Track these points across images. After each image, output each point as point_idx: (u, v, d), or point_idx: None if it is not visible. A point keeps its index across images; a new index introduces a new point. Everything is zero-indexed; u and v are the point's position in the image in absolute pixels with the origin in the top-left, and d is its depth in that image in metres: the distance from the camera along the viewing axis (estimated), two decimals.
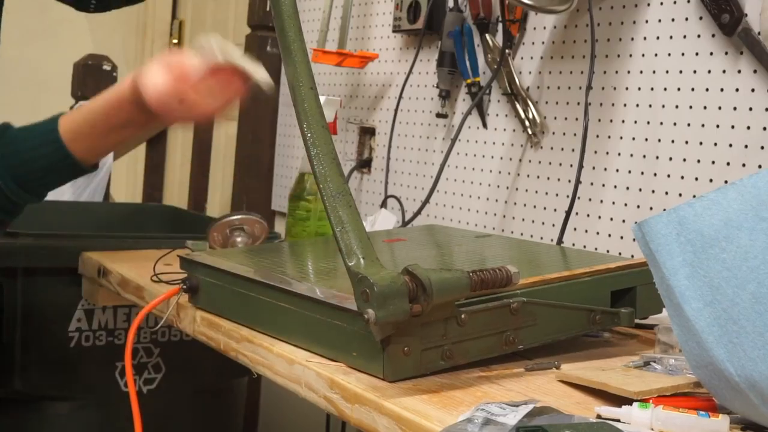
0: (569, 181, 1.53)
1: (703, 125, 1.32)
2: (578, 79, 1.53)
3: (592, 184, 1.49)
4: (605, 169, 1.48)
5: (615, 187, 1.46)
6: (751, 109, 1.25)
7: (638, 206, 1.42)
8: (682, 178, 1.35)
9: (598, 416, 0.77)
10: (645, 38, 1.41)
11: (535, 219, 1.61)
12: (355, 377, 0.86)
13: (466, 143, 1.77)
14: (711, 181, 1.30)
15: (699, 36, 1.33)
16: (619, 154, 1.45)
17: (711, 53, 1.31)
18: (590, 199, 1.50)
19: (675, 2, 1.36)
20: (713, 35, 1.31)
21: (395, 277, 0.80)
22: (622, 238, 1.44)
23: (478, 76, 1.72)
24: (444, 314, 0.85)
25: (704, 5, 1.30)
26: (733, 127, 1.28)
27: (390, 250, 1.23)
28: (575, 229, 1.51)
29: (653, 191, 1.39)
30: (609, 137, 1.47)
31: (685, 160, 1.35)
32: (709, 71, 1.31)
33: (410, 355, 0.84)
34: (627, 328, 1.11)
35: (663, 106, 1.38)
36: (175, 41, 3.93)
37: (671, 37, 1.37)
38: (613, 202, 1.46)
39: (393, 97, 1.98)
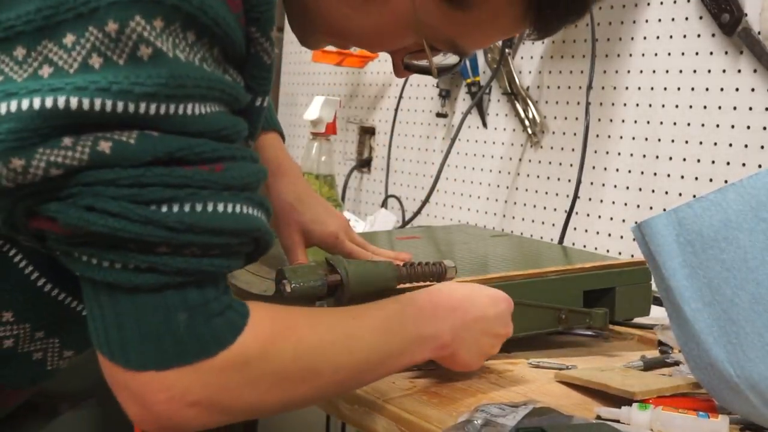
0: (569, 180, 1.53)
1: (703, 125, 1.32)
2: (578, 78, 1.53)
3: (592, 183, 1.49)
4: (605, 168, 1.47)
5: (615, 186, 1.46)
6: (751, 108, 1.25)
7: (638, 206, 1.42)
8: (682, 177, 1.35)
9: (598, 417, 0.77)
10: (645, 38, 1.41)
11: (535, 218, 1.61)
12: None
13: (466, 143, 1.77)
14: (711, 180, 1.30)
15: (699, 35, 1.33)
16: (619, 154, 1.45)
17: (711, 53, 1.31)
18: (590, 199, 1.50)
19: (675, 2, 1.36)
20: (713, 35, 1.30)
21: (310, 263, 0.89)
22: (622, 237, 1.44)
23: (478, 76, 1.71)
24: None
25: (704, 5, 1.30)
26: (733, 126, 1.28)
27: (390, 246, 1.23)
28: (575, 228, 1.51)
29: (653, 191, 1.39)
30: (609, 137, 1.47)
31: (685, 159, 1.34)
32: (709, 71, 1.31)
33: None
34: (627, 328, 1.11)
35: (663, 106, 1.38)
36: None
37: (671, 37, 1.37)
38: (613, 202, 1.46)
39: (393, 97, 1.98)
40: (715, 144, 1.30)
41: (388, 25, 0.77)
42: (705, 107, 1.32)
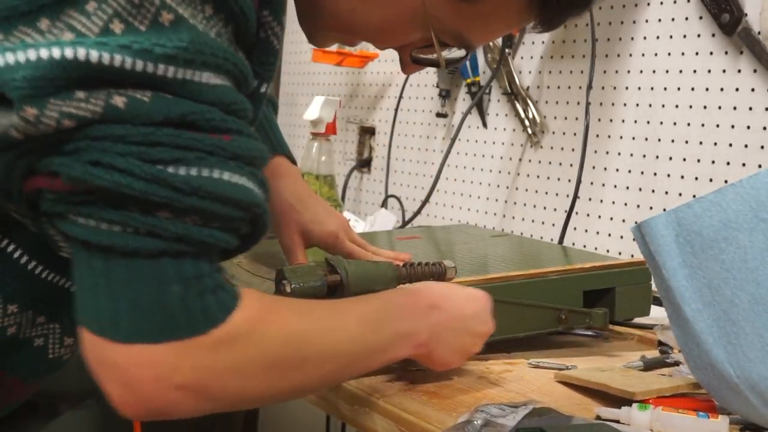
0: (569, 180, 1.53)
1: (703, 125, 1.32)
2: (578, 78, 1.53)
3: (592, 183, 1.49)
4: (605, 168, 1.47)
5: (615, 186, 1.46)
6: (751, 108, 1.25)
7: (638, 206, 1.42)
8: (682, 177, 1.35)
9: (598, 417, 0.77)
10: (645, 38, 1.41)
11: (535, 218, 1.61)
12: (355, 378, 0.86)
13: (466, 143, 1.77)
14: (711, 180, 1.30)
15: (699, 35, 1.33)
16: (619, 154, 1.45)
17: (711, 53, 1.31)
18: (590, 199, 1.50)
19: (675, 2, 1.36)
20: (713, 35, 1.30)
21: (310, 263, 0.89)
22: (622, 237, 1.44)
23: (478, 76, 1.71)
24: None
25: (704, 5, 1.30)
26: (733, 126, 1.28)
27: (390, 246, 1.23)
28: (575, 228, 1.51)
29: (653, 191, 1.39)
30: (609, 137, 1.47)
31: (685, 159, 1.34)
32: (709, 71, 1.31)
33: None
34: (627, 328, 1.11)
35: (663, 106, 1.38)
36: None
37: (671, 37, 1.37)
38: (613, 202, 1.46)
39: (393, 97, 1.98)
40: (715, 144, 1.30)
41: (396, 18, 0.77)
42: (705, 107, 1.32)
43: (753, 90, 1.25)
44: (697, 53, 1.33)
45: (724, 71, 1.29)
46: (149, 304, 0.58)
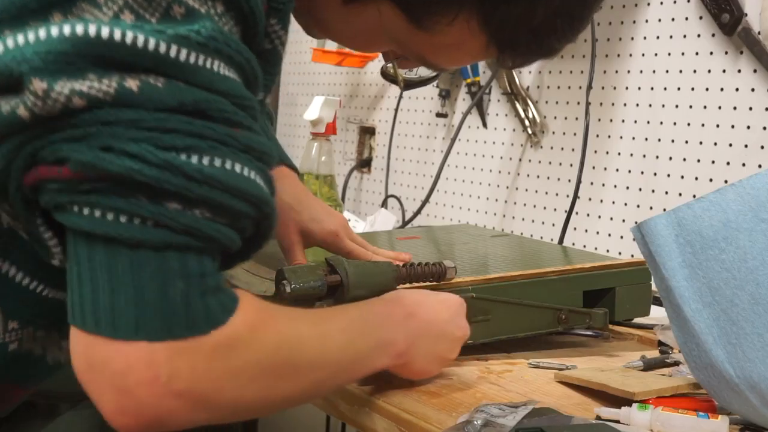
0: (569, 180, 1.53)
1: (703, 125, 1.32)
2: (578, 78, 1.53)
3: (591, 183, 1.49)
4: (605, 168, 1.47)
5: (615, 186, 1.46)
6: (751, 108, 1.25)
7: (638, 206, 1.42)
8: (682, 177, 1.35)
9: (598, 417, 0.77)
10: (645, 38, 1.41)
11: (535, 218, 1.61)
12: None
13: (466, 143, 1.77)
14: (711, 180, 1.30)
15: (699, 35, 1.33)
16: (619, 154, 1.45)
17: (711, 53, 1.31)
18: (590, 199, 1.50)
19: (675, 2, 1.36)
20: (713, 35, 1.30)
21: (310, 263, 0.89)
22: (622, 237, 1.44)
23: (478, 76, 1.71)
24: None
25: (704, 5, 1.30)
26: (733, 126, 1.28)
27: (390, 246, 1.23)
28: (575, 228, 1.51)
29: (653, 191, 1.39)
30: (609, 137, 1.47)
31: (685, 159, 1.34)
32: (709, 71, 1.31)
33: None
34: (627, 328, 1.11)
35: (663, 106, 1.38)
36: None
37: (671, 37, 1.37)
38: (613, 202, 1.46)
39: (393, 97, 1.98)
40: (715, 144, 1.30)
41: (363, 33, 0.78)
42: (705, 107, 1.32)
43: (753, 90, 1.25)
44: (697, 53, 1.33)
45: (724, 71, 1.29)
46: (152, 299, 0.56)
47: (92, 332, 0.57)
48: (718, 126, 1.30)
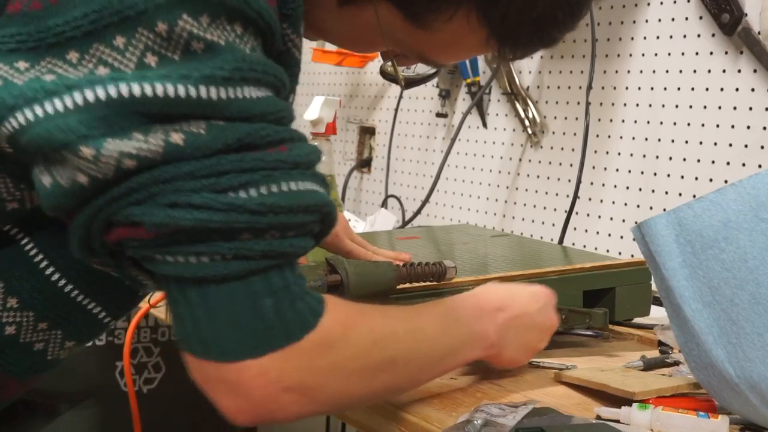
0: (569, 180, 1.53)
1: (703, 125, 1.32)
2: (578, 78, 1.53)
3: (592, 183, 1.49)
4: (605, 168, 1.47)
5: (615, 186, 1.46)
6: (751, 108, 1.25)
7: (638, 206, 1.42)
8: (682, 177, 1.35)
9: (598, 417, 0.77)
10: (645, 38, 1.41)
11: (535, 218, 1.61)
12: None
13: (466, 143, 1.77)
14: (711, 180, 1.30)
15: (699, 35, 1.33)
16: (619, 154, 1.45)
17: (711, 53, 1.31)
18: (590, 199, 1.50)
19: (675, 2, 1.36)
20: (713, 35, 1.30)
21: (310, 263, 0.90)
22: (622, 237, 1.44)
23: (478, 76, 1.71)
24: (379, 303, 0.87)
25: (704, 5, 1.30)
26: (733, 126, 1.28)
27: (390, 246, 1.23)
28: (575, 228, 1.51)
29: (653, 191, 1.39)
30: (609, 137, 1.47)
31: (685, 159, 1.34)
32: (709, 71, 1.31)
33: None
34: (627, 328, 1.11)
35: (663, 106, 1.38)
36: None
37: (671, 37, 1.37)
38: (613, 202, 1.46)
39: (393, 97, 1.98)
40: (715, 144, 1.30)
41: (360, 33, 0.78)
42: (705, 107, 1.32)
43: (753, 90, 1.25)
44: (697, 53, 1.33)
45: (724, 71, 1.29)
46: (248, 322, 0.61)
47: (203, 359, 0.62)
48: (718, 126, 1.30)
